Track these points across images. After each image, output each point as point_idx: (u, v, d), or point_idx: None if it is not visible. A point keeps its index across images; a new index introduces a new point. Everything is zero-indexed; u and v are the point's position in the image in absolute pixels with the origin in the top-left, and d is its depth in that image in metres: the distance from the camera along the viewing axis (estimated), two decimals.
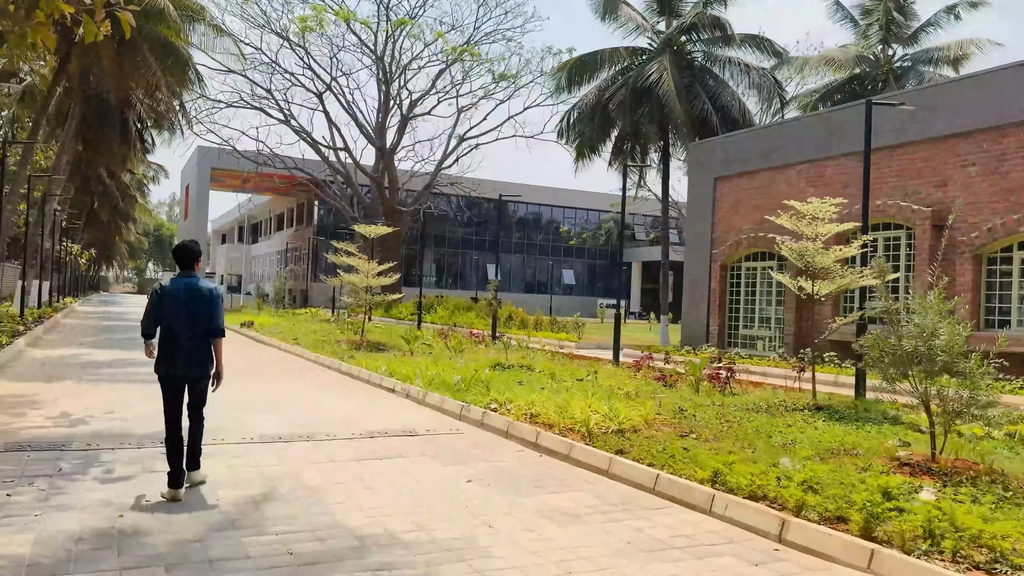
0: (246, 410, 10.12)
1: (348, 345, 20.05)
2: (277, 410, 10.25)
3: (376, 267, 21.10)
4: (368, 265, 21.14)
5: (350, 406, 10.84)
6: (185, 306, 6.08)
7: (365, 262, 21.14)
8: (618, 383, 13.10)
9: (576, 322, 28.44)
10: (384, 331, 25.04)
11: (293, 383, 13.38)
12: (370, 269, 21.10)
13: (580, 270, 75.28)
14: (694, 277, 23.10)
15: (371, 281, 21.18)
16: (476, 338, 23.28)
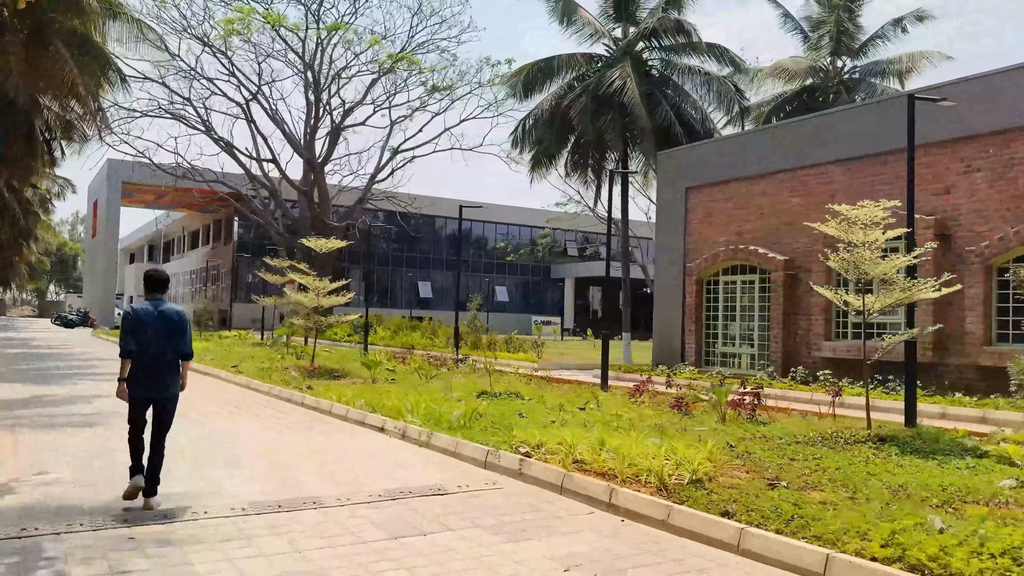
0: (216, 463, 8.17)
1: (298, 372, 18.00)
2: (254, 462, 8.32)
3: (328, 284, 19.11)
4: (319, 283, 19.14)
5: (339, 453, 8.99)
6: (156, 329, 6.37)
7: (315, 279, 19.14)
8: (632, 413, 11.59)
9: (536, 341, 26.90)
10: (332, 355, 22.98)
11: (255, 423, 11.37)
12: (321, 287, 19.11)
13: (513, 287, 73.98)
14: (666, 292, 21.87)
15: (322, 300, 19.20)
16: (436, 360, 21.50)
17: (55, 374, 18.53)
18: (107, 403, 13.04)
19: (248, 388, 16.18)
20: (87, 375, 18.54)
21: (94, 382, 16.79)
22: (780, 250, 18.83)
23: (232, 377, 17.78)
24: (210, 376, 18.83)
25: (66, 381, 16.81)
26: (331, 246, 20.22)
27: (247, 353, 24.70)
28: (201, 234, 74.82)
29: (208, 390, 15.63)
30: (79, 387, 15.60)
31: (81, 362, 22.76)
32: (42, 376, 17.83)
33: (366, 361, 17.35)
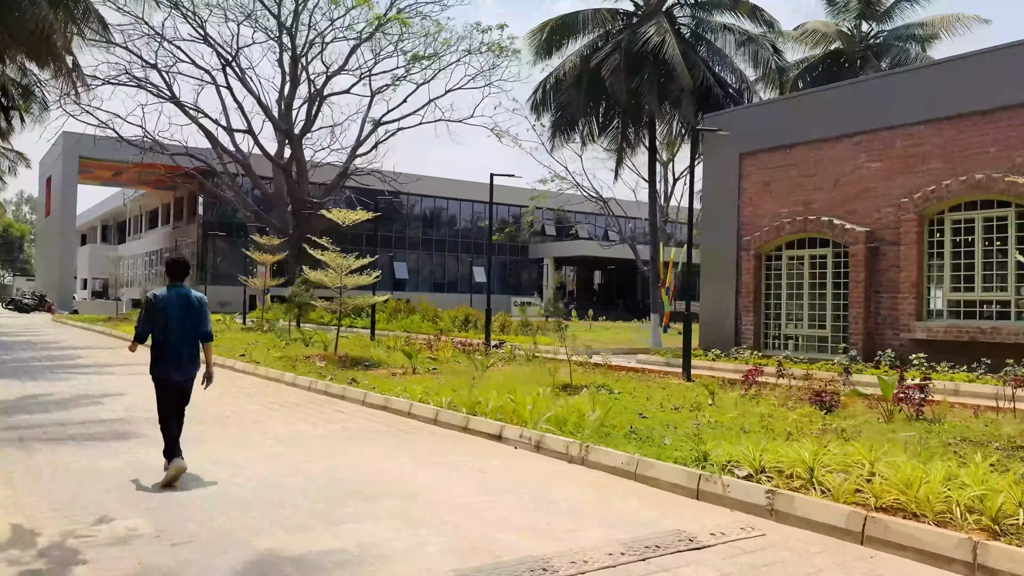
0: (345, 508, 5.96)
1: (325, 362, 15.71)
2: (389, 500, 6.13)
3: (352, 262, 16.80)
4: (342, 260, 16.81)
5: (480, 477, 6.85)
6: (178, 314, 6.56)
7: (339, 257, 16.80)
8: (761, 410, 9.65)
9: (558, 324, 24.85)
10: (350, 342, 20.68)
11: (324, 432, 9.13)
12: (343, 266, 16.79)
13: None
14: (715, 269, 19.96)
15: (346, 280, 16.89)
16: (468, 347, 19.33)
17: (37, 367, 15.95)
18: (123, 404, 10.68)
19: (280, 383, 13.84)
20: (76, 368, 16.00)
21: (89, 376, 14.30)
22: (858, 220, 17.01)
23: (252, 369, 15.40)
24: (223, 368, 16.42)
25: (55, 376, 14.29)
26: (356, 218, 17.82)
27: (242, 340, 22.24)
28: (160, 213, 71.08)
29: (236, 385, 13.27)
30: (76, 383, 13.13)
31: (59, 351, 20.09)
32: (24, 370, 15.25)
33: (407, 349, 15.12)
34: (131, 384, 13.00)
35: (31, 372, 14.85)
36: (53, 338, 25.52)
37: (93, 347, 21.91)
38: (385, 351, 18.57)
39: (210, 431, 8.84)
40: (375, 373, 14.47)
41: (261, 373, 14.68)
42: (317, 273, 17.01)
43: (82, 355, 19.06)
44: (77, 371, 15.30)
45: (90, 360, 17.78)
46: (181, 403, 6.80)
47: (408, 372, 14.60)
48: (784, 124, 18.70)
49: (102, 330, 29.27)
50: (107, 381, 13.62)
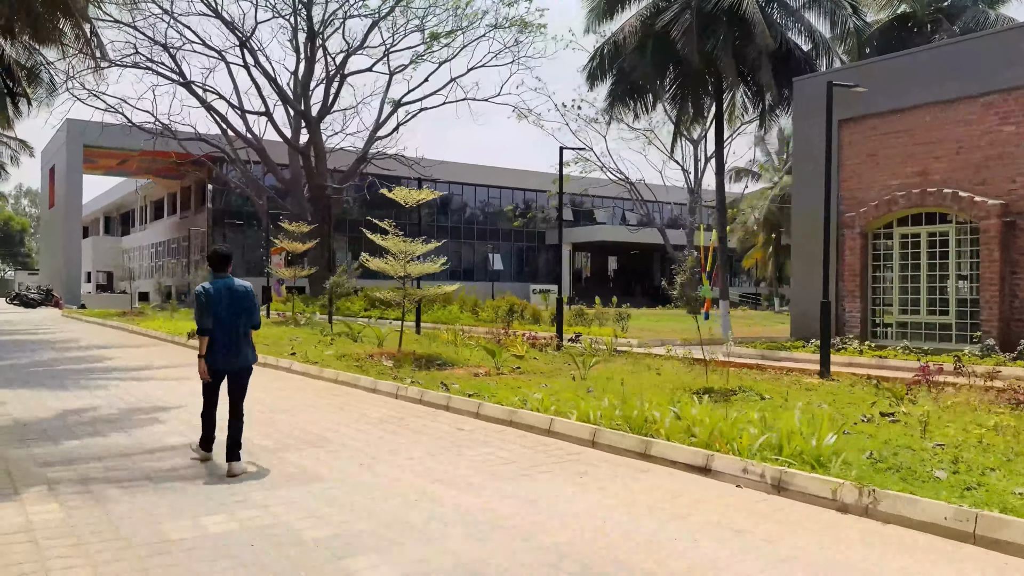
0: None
1: (391, 361, 13.75)
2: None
3: (418, 247, 14.81)
4: (405, 245, 14.83)
5: (768, 549, 4.91)
6: (227, 303, 6.64)
7: (401, 242, 14.81)
8: (972, 419, 7.73)
9: (620, 314, 22.87)
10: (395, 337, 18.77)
11: (474, 461, 7.16)
12: (407, 251, 14.80)
13: (508, 254, 69.82)
14: (807, 249, 17.96)
15: (410, 268, 14.91)
16: (535, 341, 17.39)
17: (65, 371, 13.99)
18: (186, 421, 8.72)
19: (355, 389, 11.84)
20: (110, 373, 14.03)
21: (130, 384, 12.33)
22: (988, 192, 15.04)
23: (314, 371, 13.38)
24: (277, 370, 14.44)
25: (91, 383, 12.32)
26: (421, 197, 15.78)
27: (279, 335, 20.27)
28: (167, 203, 69.02)
29: (304, 393, 11.30)
30: (119, 393, 11.16)
31: (83, 352, 18.12)
32: (53, 376, 13.28)
33: (489, 346, 13.12)
34: (183, 393, 11.04)
35: (61, 378, 12.87)
36: (71, 336, 23.53)
37: (119, 346, 19.94)
38: (449, 347, 16.63)
39: (316, 463, 6.89)
40: (454, 373, 12.53)
41: (328, 376, 12.68)
42: (378, 261, 15.00)
43: (110, 356, 17.08)
44: (113, 376, 13.32)
45: (122, 362, 15.80)
46: (239, 397, 6.82)
47: (492, 372, 12.66)
48: (893, 86, 16.68)
49: (119, 325, 27.28)
50: (153, 389, 11.65)
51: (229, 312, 6.64)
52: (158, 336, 22.17)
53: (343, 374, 12.30)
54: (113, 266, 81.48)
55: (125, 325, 26.50)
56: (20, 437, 7.92)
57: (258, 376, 13.17)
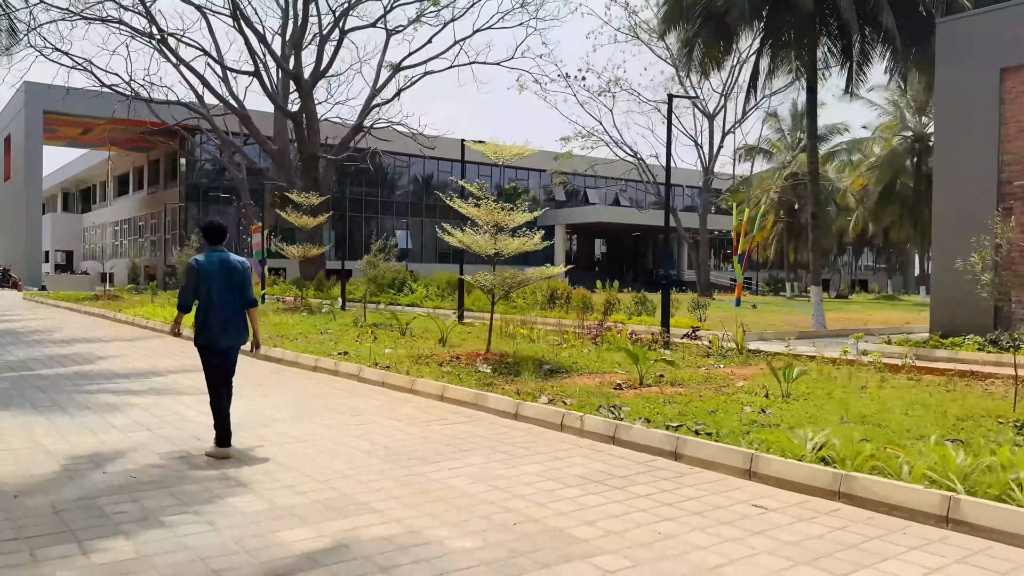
0: None
1: (486, 364, 10.43)
2: None
3: (518, 216, 11.46)
4: (495, 215, 11.45)
5: None
6: (220, 278, 6.34)
7: (493, 211, 11.43)
8: None
9: (697, 301, 19.73)
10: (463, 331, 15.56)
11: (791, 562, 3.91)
12: (499, 220, 11.44)
13: None
14: (954, 226, 14.92)
15: (502, 244, 11.56)
16: (636, 337, 14.16)
17: (53, 378, 10.43)
18: (291, 482, 5.31)
19: (476, 410, 8.47)
20: (111, 380, 10.50)
21: (147, 398, 8.83)
22: None
23: (389, 378, 9.95)
24: (334, 375, 11.00)
25: (95, 399, 8.83)
26: (518, 151, 12.31)
27: (300, 326, 16.82)
28: (133, 177, 64.36)
29: (412, 420, 7.92)
30: (144, 416, 7.70)
31: (64, 347, 14.46)
32: (36, 387, 9.72)
33: (634, 350, 9.80)
34: (247, 418, 7.62)
35: (52, 392, 9.34)
36: (44, 325, 19.72)
37: (107, 339, 16.28)
38: (539, 345, 13.34)
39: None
40: (582, 385, 9.30)
41: (425, 391, 9.26)
42: (463, 235, 11.61)
43: (102, 354, 13.47)
44: (120, 387, 9.81)
45: (120, 363, 12.23)
46: (229, 373, 6.55)
47: (635, 383, 9.43)
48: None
49: (98, 312, 23.46)
50: (187, 409, 8.21)
51: (222, 287, 6.34)
52: (150, 326, 18.50)
53: (451, 388, 8.92)
54: (74, 245, 76.55)
55: (104, 311, 22.68)
56: (14, 527, 4.50)
57: (323, 386, 9.80)
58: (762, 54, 19.91)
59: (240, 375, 10.93)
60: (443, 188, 64.85)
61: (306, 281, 34.54)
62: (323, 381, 10.53)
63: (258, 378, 10.73)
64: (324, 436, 7.00)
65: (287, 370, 11.66)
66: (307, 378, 10.80)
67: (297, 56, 36.48)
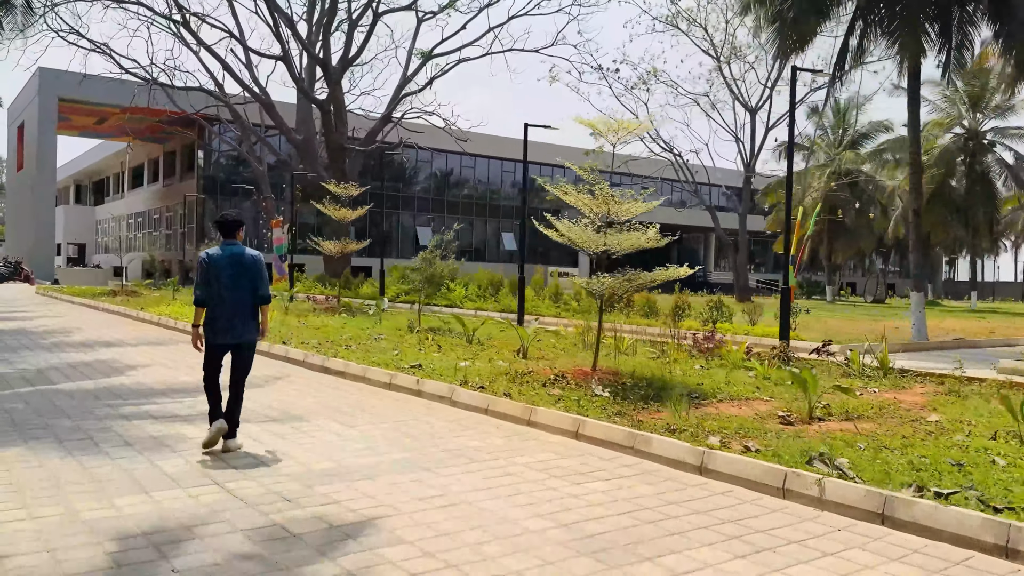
0: None
1: (603, 387, 8.52)
2: None
3: (635, 205, 9.53)
4: (606, 205, 9.53)
5: None
6: (228, 273, 6.22)
7: (607, 200, 9.50)
8: None
9: (754, 306, 17.82)
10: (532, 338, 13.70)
11: None
12: (612, 211, 9.53)
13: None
14: None
15: (610, 240, 9.64)
16: (749, 349, 12.24)
17: (79, 396, 8.58)
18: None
19: (633, 455, 6.57)
20: (158, 402, 8.63)
21: None
22: None
23: (496, 404, 8.05)
24: (403, 392, 9.11)
25: (140, 431, 6.96)
26: (633, 128, 10.40)
27: (346, 329, 14.97)
28: (148, 169, 62.71)
29: (548, 464, 6.02)
30: (222, 473, 5.84)
31: (88, 352, 12.60)
32: (58, 410, 7.87)
33: (803, 374, 7.83)
34: (330, 458, 5.75)
35: (79, 418, 7.49)
36: (60, 324, 17.90)
37: (133, 342, 14.43)
38: (640, 360, 11.42)
39: None
40: (725, 414, 7.42)
41: (542, 422, 7.38)
42: (571, 228, 9.69)
43: (127, 359, 11.62)
44: (158, 407, 7.95)
45: (152, 373, 10.37)
46: (239, 373, 6.41)
47: (803, 416, 7.53)
48: None
49: (119, 310, 21.64)
50: (258, 447, 6.33)
51: (232, 282, 6.20)
52: (178, 327, 16.65)
53: (590, 423, 6.99)
54: (86, 238, 74.96)
55: (125, 309, 20.84)
56: None
57: (410, 410, 7.86)
58: (852, 31, 17.93)
59: (306, 395, 9.17)
60: (464, 184, 63.04)
61: (332, 279, 32.73)
62: (405, 403, 8.65)
63: (327, 399, 8.85)
64: (467, 500, 5.11)
65: (355, 387, 9.78)
66: (384, 399, 8.91)
67: (325, 42, 34.65)
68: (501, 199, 63.83)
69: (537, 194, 67.58)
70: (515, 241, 63.47)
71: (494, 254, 62.47)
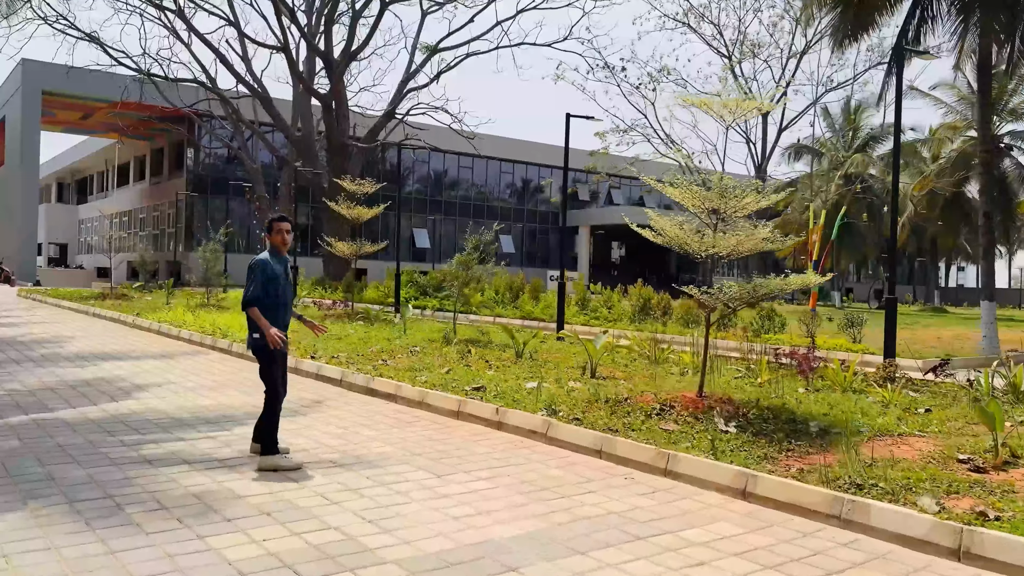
0: None
1: (725, 420, 7.00)
2: None
3: (749, 200, 7.95)
4: (723, 199, 7.96)
5: None
6: (284, 279, 6.06)
7: (721, 195, 7.93)
8: None
9: (857, 318, 16.36)
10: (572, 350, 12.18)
11: None
12: (722, 206, 7.97)
13: (520, 236, 62.91)
14: None
15: (721, 241, 8.09)
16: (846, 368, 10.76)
17: (83, 429, 6.97)
18: None
19: (783, 510, 5.09)
20: (190, 441, 7.04)
21: (285, 511, 5.39)
22: None
23: (607, 445, 6.47)
24: (476, 423, 7.54)
25: (181, 497, 5.36)
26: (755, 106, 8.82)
27: (368, 340, 13.39)
28: (134, 167, 60.70)
29: (735, 542, 4.49)
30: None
31: (86, 367, 10.93)
32: (65, 452, 6.25)
33: (990, 407, 6.35)
34: (445, 536, 4.19)
35: (82, 459, 5.90)
36: (47, 331, 16.15)
37: (133, 354, 12.76)
38: (713, 376, 9.93)
39: None
40: (885, 456, 5.95)
41: (685, 472, 5.82)
42: (674, 226, 8.14)
43: (134, 377, 9.98)
44: (189, 445, 6.36)
45: (169, 396, 8.74)
46: None
47: (992, 459, 6.06)
48: None
49: (105, 313, 19.89)
50: (348, 521, 4.76)
51: (286, 288, 6.04)
52: (184, 336, 14.97)
53: (763, 479, 5.44)
54: (68, 238, 72.66)
55: (119, 315, 19.09)
56: None
57: (508, 451, 6.33)
58: (913, 15, 16.58)
59: (360, 425, 7.43)
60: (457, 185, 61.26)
61: (333, 282, 31.10)
62: (486, 439, 7.10)
63: (390, 433, 7.28)
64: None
65: (412, 414, 8.20)
66: (457, 433, 7.34)
67: (327, 33, 33.00)
68: (499, 201, 62.29)
69: (533, 196, 66.33)
70: (513, 244, 61.89)
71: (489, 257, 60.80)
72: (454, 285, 14.47)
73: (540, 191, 61.81)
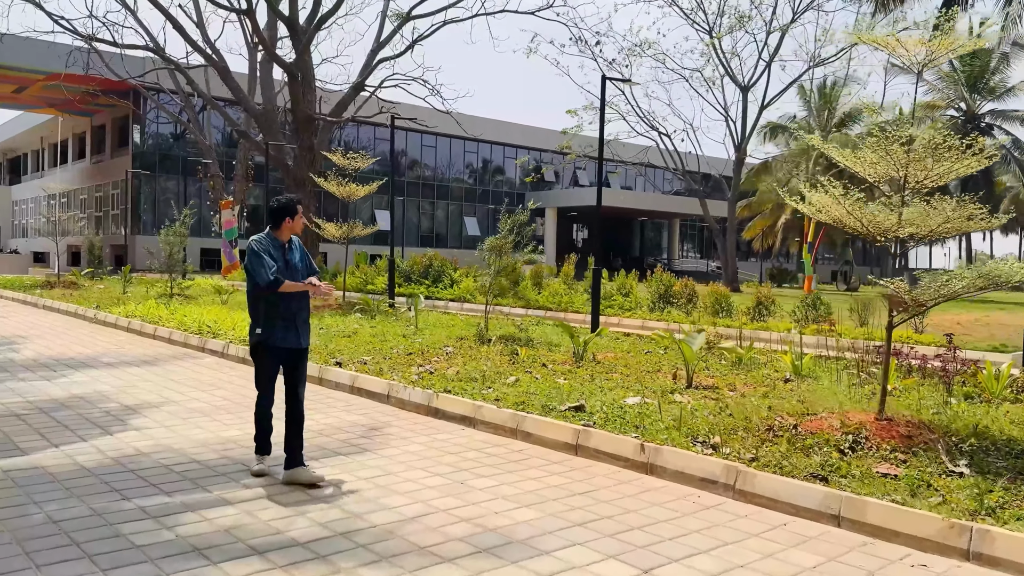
0: None
1: (927, 454, 5.25)
2: None
3: (951, 165, 6.17)
4: (923, 166, 6.17)
5: None
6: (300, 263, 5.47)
7: (919, 159, 6.14)
8: None
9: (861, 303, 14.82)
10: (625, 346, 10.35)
11: None
12: (923, 174, 6.19)
13: (485, 218, 60.82)
14: None
15: (919, 220, 6.28)
16: (924, 365, 9.10)
17: (98, 514, 4.91)
18: None
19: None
20: (234, 504, 4.97)
21: None
22: None
23: (777, 490, 4.68)
24: (556, 451, 5.64)
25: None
26: (948, 45, 7.02)
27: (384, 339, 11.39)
28: (73, 144, 56.91)
29: None
30: None
31: (53, 379, 8.68)
32: (76, 569, 4.17)
33: None
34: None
35: (90, 548, 3.83)
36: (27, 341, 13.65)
37: (108, 359, 10.50)
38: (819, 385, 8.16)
39: None
40: None
41: (922, 534, 4.05)
42: (855, 204, 6.30)
43: (117, 394, 7.79)
44: (242, 511, 4.31)
45: (170, 423, 6.64)
46: (299, 384, 5.28)
47: None
48: None
49: (59, 306, 17.36)
50: None
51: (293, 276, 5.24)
52: (161, 335, 12.69)
53: None
54: (0, 221, 68.22)
55: (77, 308, 16.58)
56: None
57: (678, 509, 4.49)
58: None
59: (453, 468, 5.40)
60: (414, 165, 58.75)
61: None
62: (640, 488, 5.22)
63: (541, 495, 5.34)
64: None
65: (515, 448, 6.26)
66: (600, 480, 5.43)
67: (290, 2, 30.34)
68: (463, 182, 60.11)
69: (493, 176, 64.14)
70: (478, 227, 59.79)
71: (456, 239, 58.73)
72: (487, 275, 12.44)
73: (536, 170, 59.27)
